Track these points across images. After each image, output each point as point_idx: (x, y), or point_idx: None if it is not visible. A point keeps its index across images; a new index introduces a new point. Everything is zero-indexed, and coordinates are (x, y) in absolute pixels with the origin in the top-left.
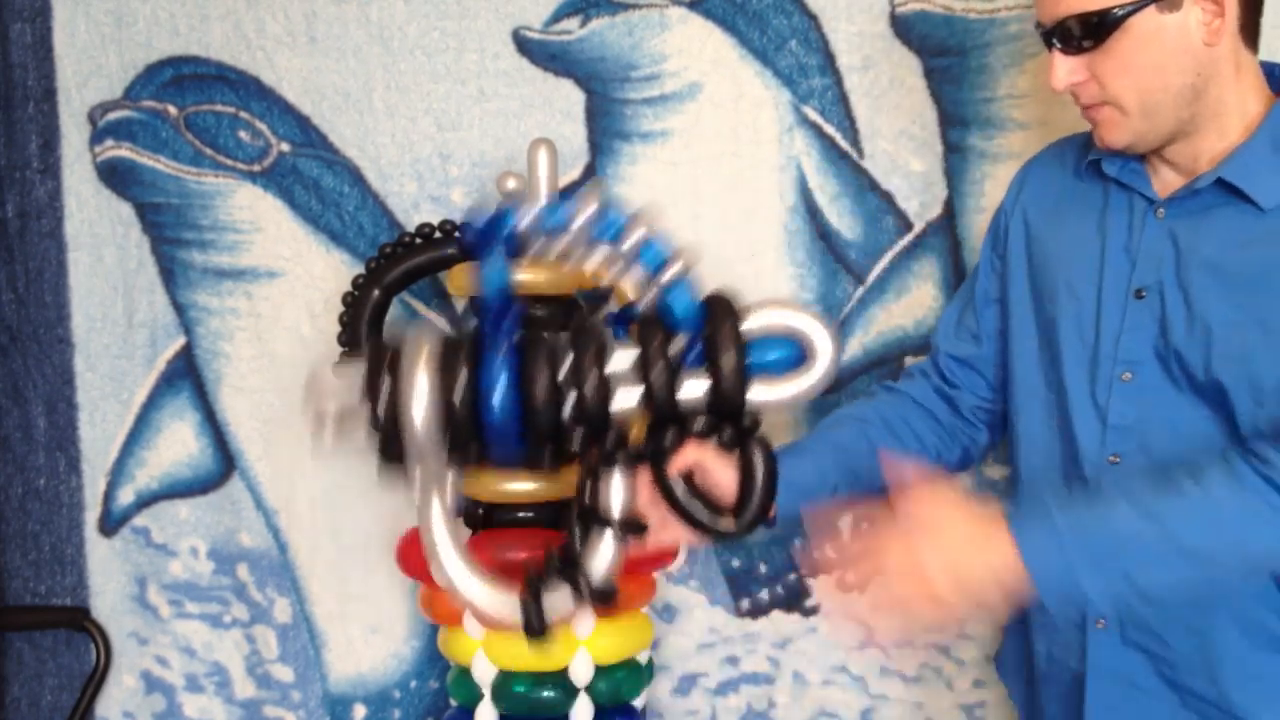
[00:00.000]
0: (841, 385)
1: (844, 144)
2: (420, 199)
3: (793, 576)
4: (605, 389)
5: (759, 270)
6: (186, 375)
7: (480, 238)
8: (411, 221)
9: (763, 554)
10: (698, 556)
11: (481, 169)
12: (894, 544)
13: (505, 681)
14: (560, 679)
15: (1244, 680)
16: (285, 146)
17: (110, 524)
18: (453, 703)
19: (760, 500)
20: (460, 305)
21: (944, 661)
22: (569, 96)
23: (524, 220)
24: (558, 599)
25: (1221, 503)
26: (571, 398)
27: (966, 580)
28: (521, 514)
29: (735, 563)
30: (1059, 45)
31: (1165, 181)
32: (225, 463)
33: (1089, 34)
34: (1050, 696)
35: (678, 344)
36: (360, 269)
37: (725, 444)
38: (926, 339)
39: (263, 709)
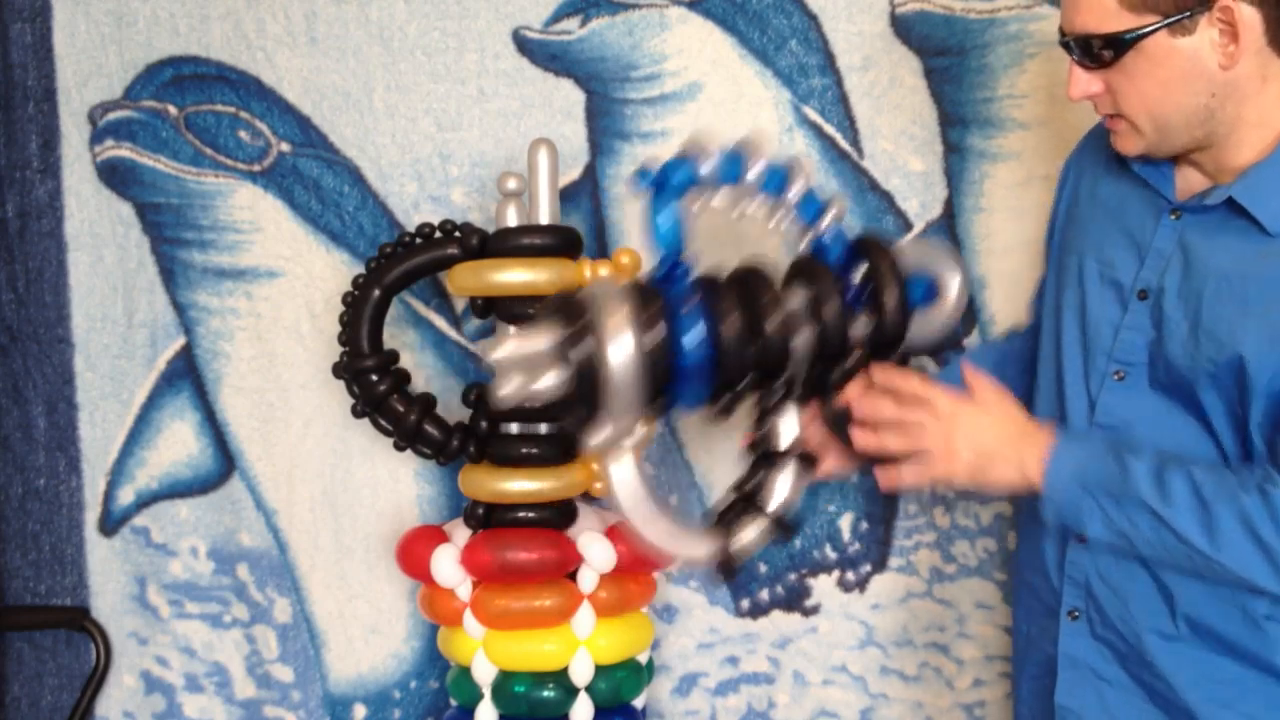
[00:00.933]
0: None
1: (844, 144)
2: (420, 199)
3: (793, 576)
4: (788, 328)
5: None
6: (186, 375)
7: (661, 181)
8: (411, 221)
9: (763, 554)
10: None
11: (481, 169)
12: (935, 418)
13: (505, 681)
14: (560, 679)
15: (1203, 683)
16: (285, 146)
17: (110, 524)
18: (453, 703)
19: None
20: (460, 305)
21: (944, 661)
22: (569, 96)
23: (705, 167)
24: (744, 535)
25: (1221, 533)
26: (756, 344)
27: (989, 467)
28: (522, 514)
29: None
30: (1076, 57)
31: (1189, 182)
32: (225, 463)
33: (1103, 52)
34: (1026, 675)
35: (841, 289)
36: (360, 269)
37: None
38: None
39: (263, 709)
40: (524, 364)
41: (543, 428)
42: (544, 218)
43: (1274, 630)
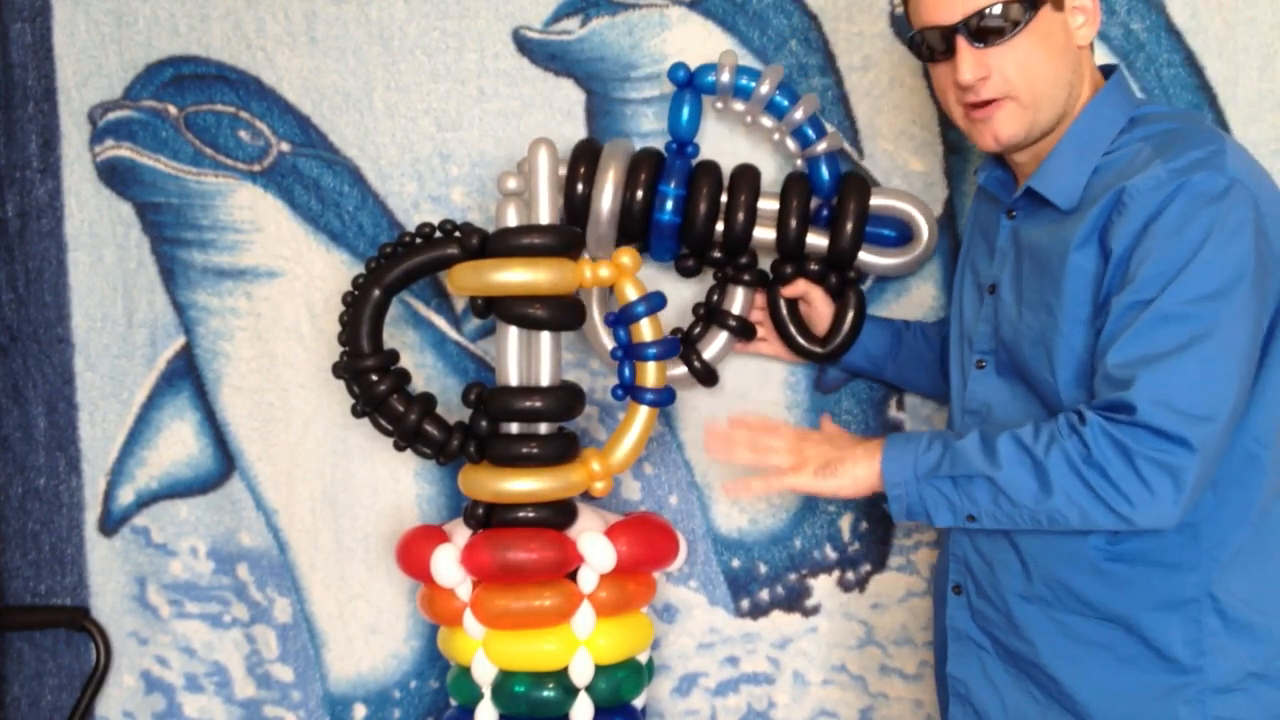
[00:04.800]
0: (841, 386)
1: (844, 144)
2: (420, 199)
3: (793, 576)
4: (752, 219)
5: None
6: (186, 375)
7: (685, 77)
8: (411, 221)
9: (763, 554)
10: (698, 556)
11: (481, 169)
12: (784, 439)
13: (505, 681)
14: (560, 679)
15: (1058, 642)
16: (285, 146)
17: (110, 524)
18: (453, 703)
19: (846, 335)
20: (460, 305)
21: None
22: (569, 96)
23: (724, 74)
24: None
25: (1051, 481)
26: (724, 223)
27: (835, 468)
28: (522, 514)
29: (735, 563)
30: (968, 40)
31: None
32: (225, 463)
33: (998, 28)
34: (938, 643)
35: (814, 203)
36: (360, 269)
37: (830, 289)
38: None
39: (263, 709)
40: (533, 177)
41: (542, 428)
42: (544, 218)
43: (1116, 571)
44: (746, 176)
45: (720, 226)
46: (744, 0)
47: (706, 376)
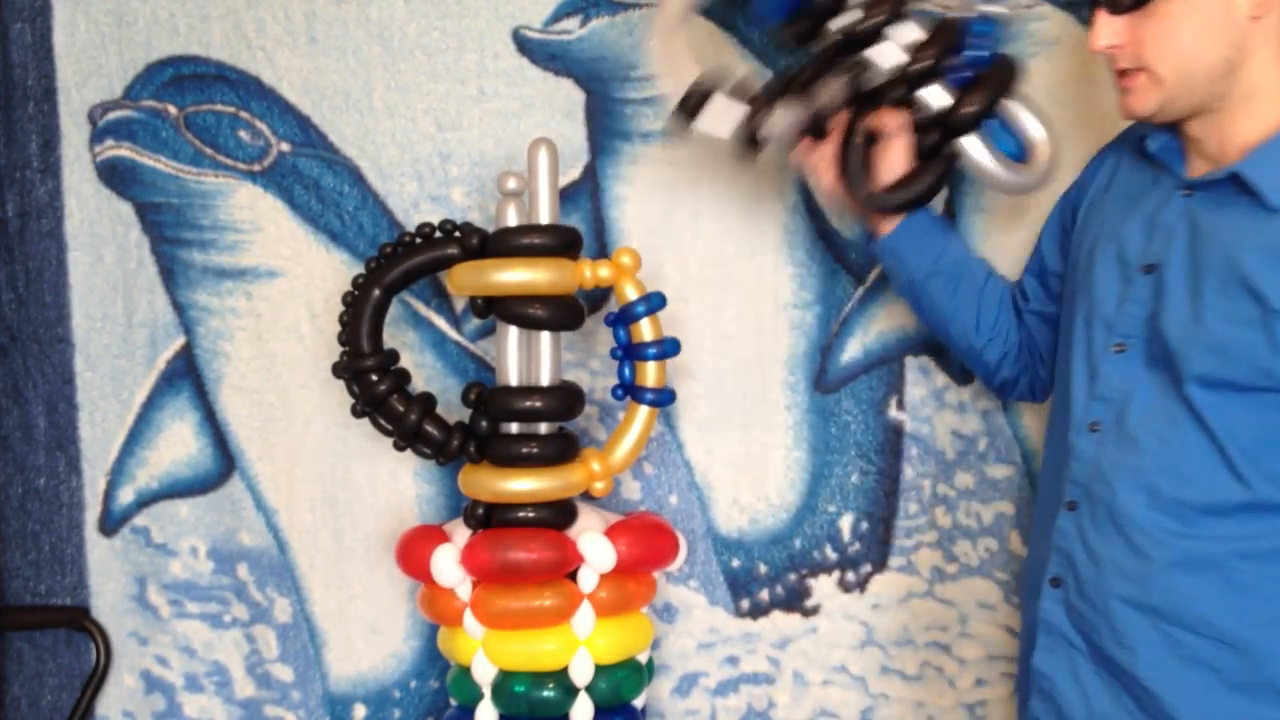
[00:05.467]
0: (841, 385)
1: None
2: (420, 199)
3: (793, 576)
4: (879, 29)
5: (759, 270)
6: (186, 375)
7: None
8: (411, 221)
9: (763, 554)
10: (698, 556)
11: (481, 169)
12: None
13: (505, 681)
14: (560, 679)
15: (1164, 659)
16: (285, 146)
17: (110, 524)
18: (453, 703)
19: (909, 195)
20: (460, 305)
21: (945, 660)
22: (569, 96)
23: None
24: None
25: None
26: (852, 17)
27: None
28: (522, 514)
29: (735, 563)
30: (1105, 5)
31: (1198, 165)
32: (225, 463)
33: None
34: (1025, 634)
35: (956, 60)
36: (360, 269)
37: (925, 144)
38: (926, 339)
39: (263, 709)
40: None
41: (542, 428)
42: (544, 218)
43: (1245, 572)
44: None
45: (856, 15)
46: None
47: (751, 144)
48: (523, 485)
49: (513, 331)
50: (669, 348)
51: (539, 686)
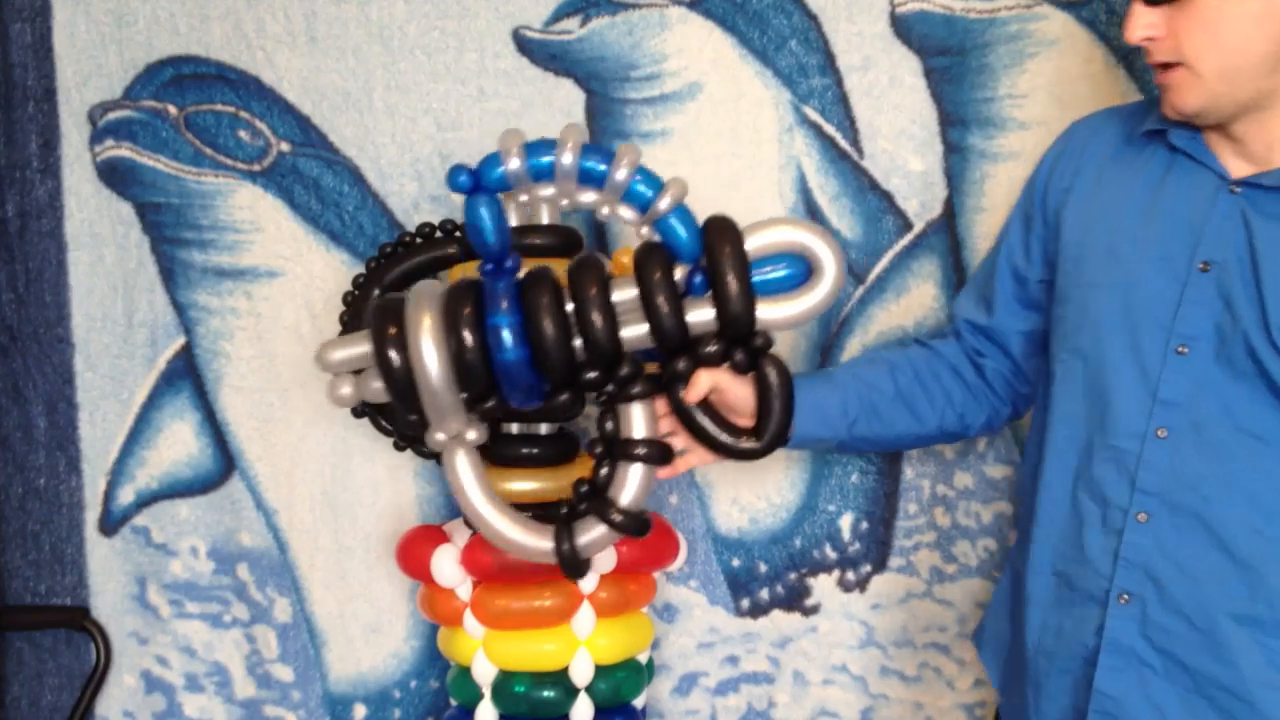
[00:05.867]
0: None
1: (844, 144)
2: (420, 199)
3: (793, 576)
4: (612, 319)
5: None
6: (186, 375)
7: (470, 182)
8: (411, 221)
9: (763, 554)
10: (698, 556)
11: None
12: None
13: (505, 681)
14: (560, 679)
15: (1266, 678)
16: (285, 146)
17: (110, 524)
18: (453, 703)
19: (779, 417)
20: None
21: (945, 661)
22: (569, 96)
23: (511, 161)
24: (591, 532)
25: None
26: (580, 337)
27: None
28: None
29: (735, 562)
30: None
31: (1233, 164)
32: (225, 463)
33: None
34: (1055, 670)
35: (681, 272)
36: (360, 269)
37: (739, 367)
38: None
39: (263, 709)
40: (352, 366)
41: (543, 428)
42: (544, 217)
43: None
44: (587, 269)
45: (579, 341)
46: (744, 0)
47: (636, 525)
48: (523, 485)
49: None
50: None
51: (539, 687)
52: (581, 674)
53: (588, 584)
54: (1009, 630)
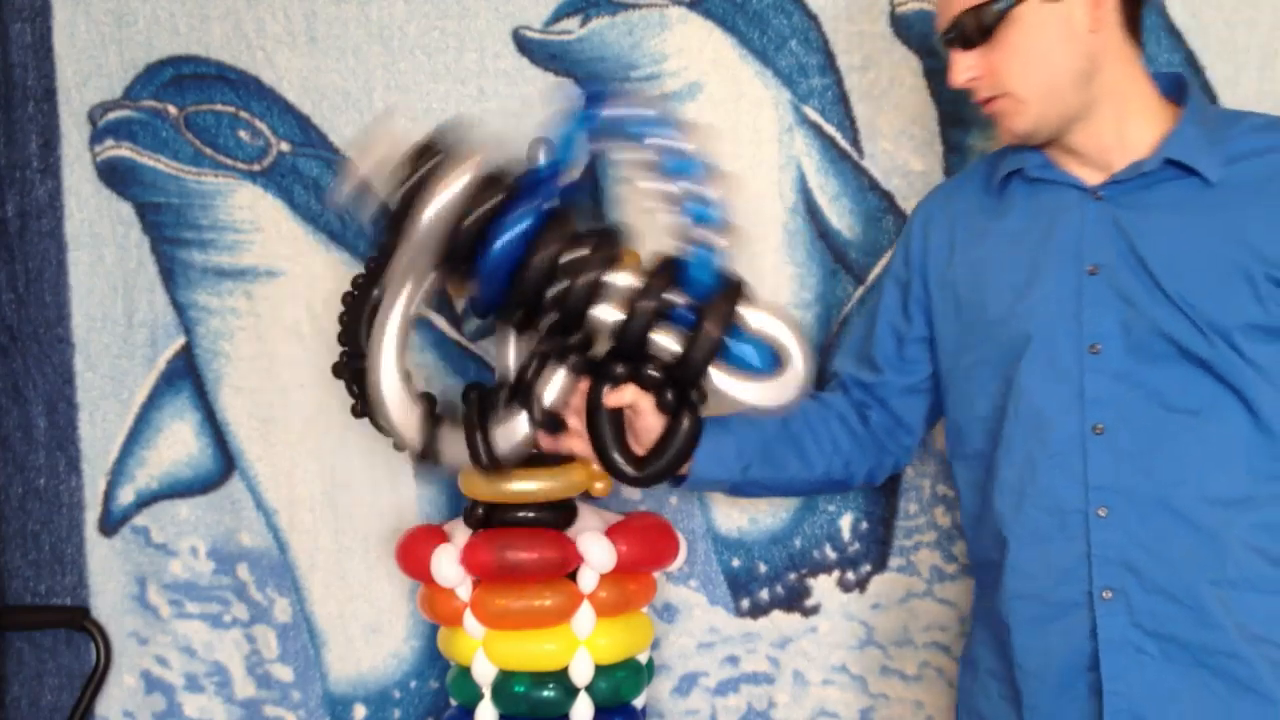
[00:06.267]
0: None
1: (844, 144)
2: None
3: (793, 576)
4: (593, 293)
5: (759, 270)
6: (186, 375)
7: (592, 107)
8: None
9: (763, 554)
10: (698, 556)
11: None
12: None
13: (505, 681)
14: (560, 679)
15: (1266, 631)
16: (285, 146)
17: (110, 524)
18: (453, 703)
19: (668, 463)
20: (460, 305)
21: (945, 661)
22: (569, 96)
23: (617, 107)
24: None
25: None
26: (562, 284)
27: None
28: (521, 514)
29: (735, 562)
30: (955, 44)
31: (1084, 174)
32: (225, 463)
33: (979, 29)
34: (1048, 690)
35: (677, 297)
36: (360, 269)
37: (663, 404)
38: None
39: (263, 709)
40: (381, 167)
41: None
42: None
43: None
44: (604, 240)
45: (557, 288)
46: (744, 0)
47: (496, 465)
48: (523, 485)
49: (513, 331)
50: None
51: (539, 686)
52: (581, 674)
53: (587, 584)
54: (1000, 653)
